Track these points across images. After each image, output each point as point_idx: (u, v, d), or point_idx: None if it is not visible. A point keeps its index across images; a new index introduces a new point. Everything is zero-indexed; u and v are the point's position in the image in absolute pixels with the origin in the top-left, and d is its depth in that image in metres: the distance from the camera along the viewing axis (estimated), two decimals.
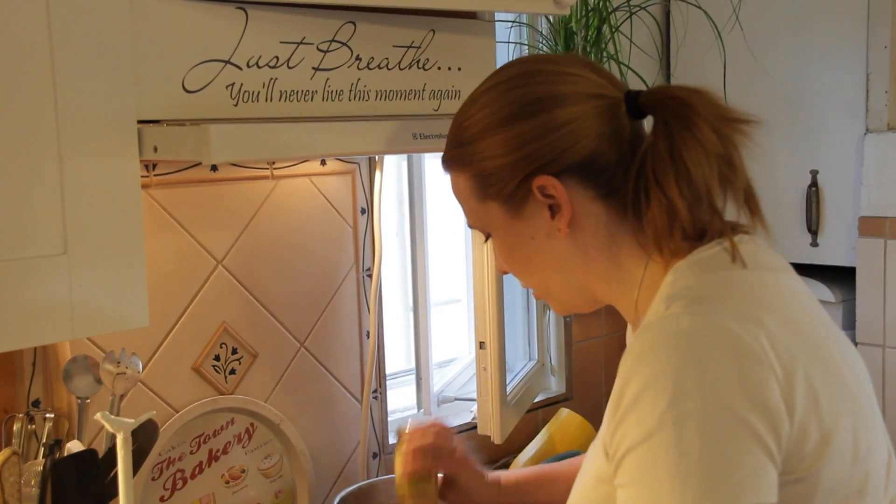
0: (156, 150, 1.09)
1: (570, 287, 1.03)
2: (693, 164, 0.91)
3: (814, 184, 2.02)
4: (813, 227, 2.02)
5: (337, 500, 1.57)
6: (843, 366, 0.93)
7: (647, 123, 0.99)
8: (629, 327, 1.09)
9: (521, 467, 1.93)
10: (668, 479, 0.79)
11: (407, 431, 1.28)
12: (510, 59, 2.00)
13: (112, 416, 1.13)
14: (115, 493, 1.16)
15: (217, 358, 1.55)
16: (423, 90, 1.40)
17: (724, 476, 0.79)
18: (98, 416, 1.11)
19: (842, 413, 0.89)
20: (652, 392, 0.81)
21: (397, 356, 1.97)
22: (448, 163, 1.06)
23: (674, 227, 0.92)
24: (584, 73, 0.98)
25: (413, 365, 1.98)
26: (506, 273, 1.08)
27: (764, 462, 0.81)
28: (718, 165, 0.92)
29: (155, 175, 1.45)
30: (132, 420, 1.12)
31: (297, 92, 1.26)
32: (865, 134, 1.95)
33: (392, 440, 1.83)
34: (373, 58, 1.33)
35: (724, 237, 0.94)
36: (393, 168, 1.92)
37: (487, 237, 1.06)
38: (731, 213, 0.97)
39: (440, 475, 1.29)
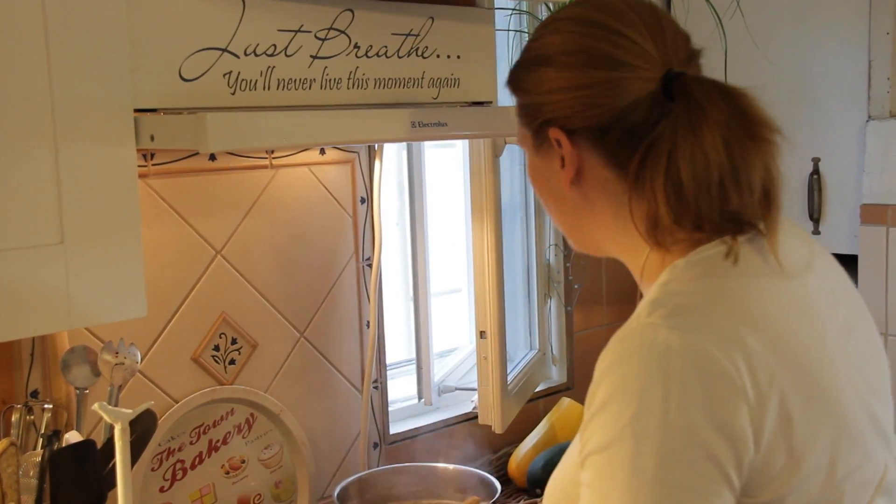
0: (153, 138, 1.08)
1: (577, 232, 1.04)
2: (686, 165, 0.89)
3: (815, 171, 2.01)
4: (815, 214, 2.02)
5: (337, 490, 1.57)
6: (834, 385, 0.90)
7: None
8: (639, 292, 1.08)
9: (521, 457, 1.93)
10: (618, 491, 0.80)
11: None
12: (509, 47, 2.00)
13: (110, 407, 1.12)
14: (113, 484, 1.16)
15: (216, 348, 1.55)
16: (422, 78, 1.39)
17: (674, 498, 0.79)
18: (95, 406, 1.11)
19: (819, 436, 0.87)
20: (618, 401, 0.81)
21: (398, 346, 1.97)
22: (507, 79, 1.05)
23: (653, 222, 0.91)
24: (641, 38, 0.94)
25: (413, 355, 1.98)
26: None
27: (719, 488, 0.80)
28: (720, 172, 0.89)
29: (153, 164, 1.45)
30: (130, 410, 1.12)
31: (295, 80, 1.25)
32: (867, 121, 1.94)
33: (393, 430, 1.83)
34: (371, 46, 1.32)
35: (731, 234, 0.91)
36: (393, 157, 1.91)
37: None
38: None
39: None
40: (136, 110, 1.08)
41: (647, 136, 0.92)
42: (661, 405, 0.80)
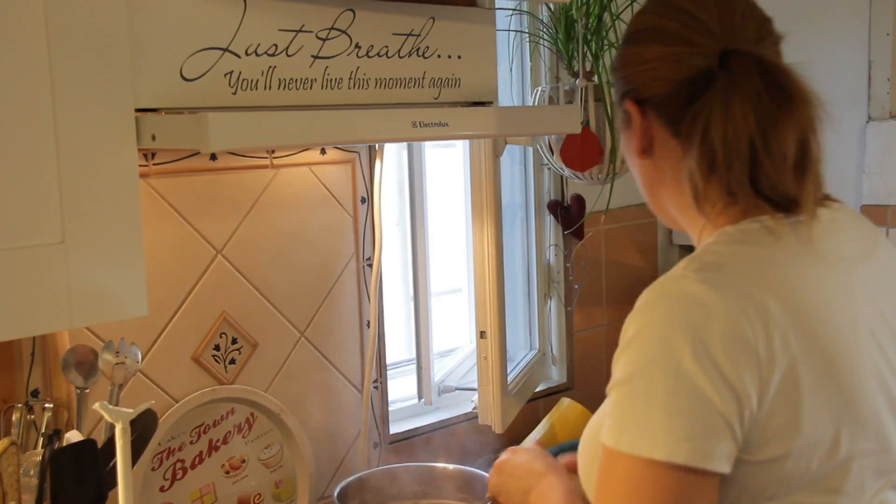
0: (154, 138, 1.08)
1: (656, 203, 1.12)
2: (717, 132, 0.95)
3: None
4: None
5: (337, 490, 1.57)
6: (853, 371, 0.94)
7: None
8: None
9: None
10: (632, 420, 0.88)
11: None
12: (510, 48, 2.00)
13: (110, 406, 1.12)
14: (114, 483, 1.16)
15: (217, 348, 1.55)
16: (423, 78, 1.39)
17: (679, 431, 0.86)
18: (96, 405, 1.11)
19: (824, 410, 0.91)
20: (642, 341, 0.90)
21: (397, 346, 1.97)
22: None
23: (695, 191, 0.98)
24: (708, 18, 1.01)
25: (413, 355, 1.98)
26: None
27: (720, 434, 0.86)
28: (749, 139, 0.95)
29: (154, 164, 1.45)
30: (131, 410, 1.12)
31: (296, 80, 1.25)
32: (867, 122, 1.94)
33: (393, 430, 1.83)
34: (372, 46, 1.32)
35: (771, 211, 0.97)
36: (393, 157, 1.91)
37: None
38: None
39: None
40: (138, 110, 1.08)
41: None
42: (677, 351, 0.87)
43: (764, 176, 0.96)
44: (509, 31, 1.98)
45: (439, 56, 1.40)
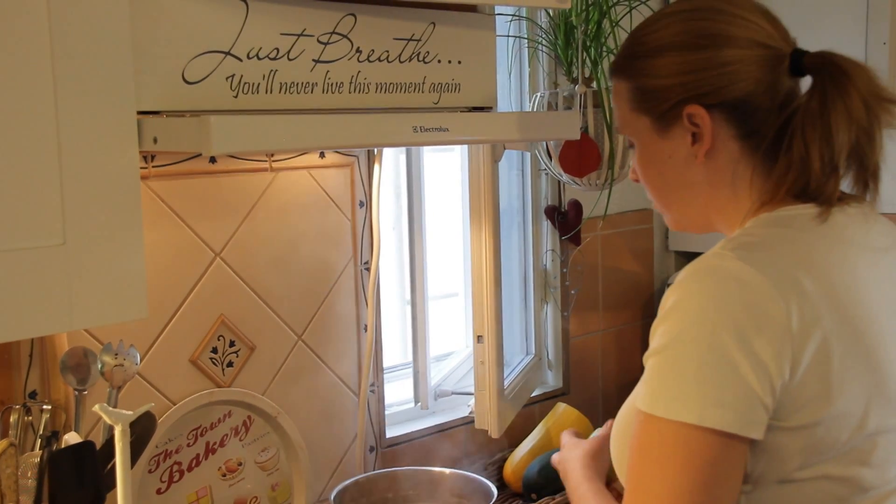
0: (155, 141, 1.09)
1: (691, 207, 1.13)
2: (836, 128, 1.00)
3: None
4: None
5: (334, 493, 1.57)
6: (883, 352, 0.98)
7: (804, 85, 1.08)
8: None
9: (517, 462, 1.93)
10: (664, 386, 0.93)
11: None
12: (510, 53, 2.00)
13: (110, 408, 1.12)
14: (112, 485, 1.16)
15: (214, 350, 1.55)
16: (423, 83, 1.40)
17: (708, 398, 0.90)
18: (96, 407, 1.11)
19: (854, 384, 0.95)
20: (679, 312, 0.94)
21: (393, 350, 1.97)
22: (616, 70, 1.15)
23: (801, 178, 1.02)
24: (760, 21, 1.06)
25: (409, 359, 1.98)
26: (635, 181, 1.18)
27: (754, 404, 0.91)
28: (857, 136, 1.01)
29: (153, 167, 1.45)
30: (130, 412, 1.12)
31: (297, 84, 1.26)
32: None
33: (389, 434, 1.83)
34: (373, 50, 1.33)
35: (823, 202, 1.02)
36: (390, 161, 1.91)
37: (631, 145, 1.19)
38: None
39: None
40: (140, 112, 1.08)
41: (786, 103, 1.04)
42: (711, 323, 0.91)
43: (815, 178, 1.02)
44: (508, 36, 1.98)
45: (439, 61, 1.41)
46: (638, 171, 1.16)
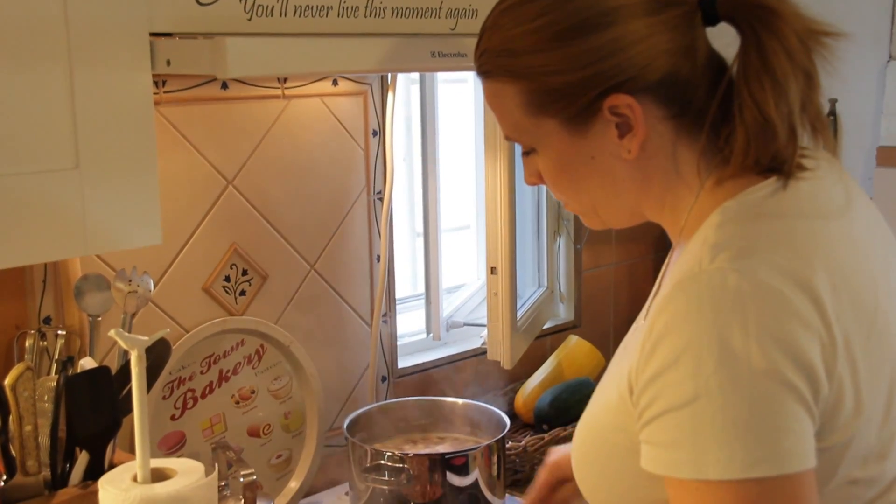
0: (168, 63, 1.06)
1: (619, 207, 0.99)
2: (784, 76, 0.85)
3: (832, 112, 1.99)
4: None
5: (346, 422, 1.58)
6: (888, 323, 0.89)
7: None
8: (674, 249, 1.04)
9: (528, 393, 1.94)
10: (714, 445, 0.78)
11: None
12: None
13: (126, 334, 1.12)
14: (128, 410, 1.16)
15: (227, 279, 1.54)
16: (440, 8, 1.36)
17: (773, 443, 0.78)
18: (112, 332, 1.11)
19: (878, 377, 0.86)
20: (695, 353, 0.79)
21: (403, 281, 1.97)
22: (490, 72, 0.96)
23: (765, 147, 0.87)
24: None
25: (419, 290, 1.97)
26: (534, 185, 1.03)
27: (807, 425, 0.80)
28: (802, 80, 0.86)
29: (165, 92, 1.42)
30: (146, 337, 1.12)
31: (312, 7, 1.22)
32: (888, 61, 1.91)
33: (402, 364, 1.84)
34: None
35: (783, 173, 0.89)
36: (401, 91, 1.89)
37: (528, 152, 0.99)
38: None
39: None
40: (152, 34, 1.06)
41: (714, 64, 0.91)
42: (743, 350, 0.78)
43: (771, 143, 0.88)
44: None
45: None
46: (547, 179, 0.99)
